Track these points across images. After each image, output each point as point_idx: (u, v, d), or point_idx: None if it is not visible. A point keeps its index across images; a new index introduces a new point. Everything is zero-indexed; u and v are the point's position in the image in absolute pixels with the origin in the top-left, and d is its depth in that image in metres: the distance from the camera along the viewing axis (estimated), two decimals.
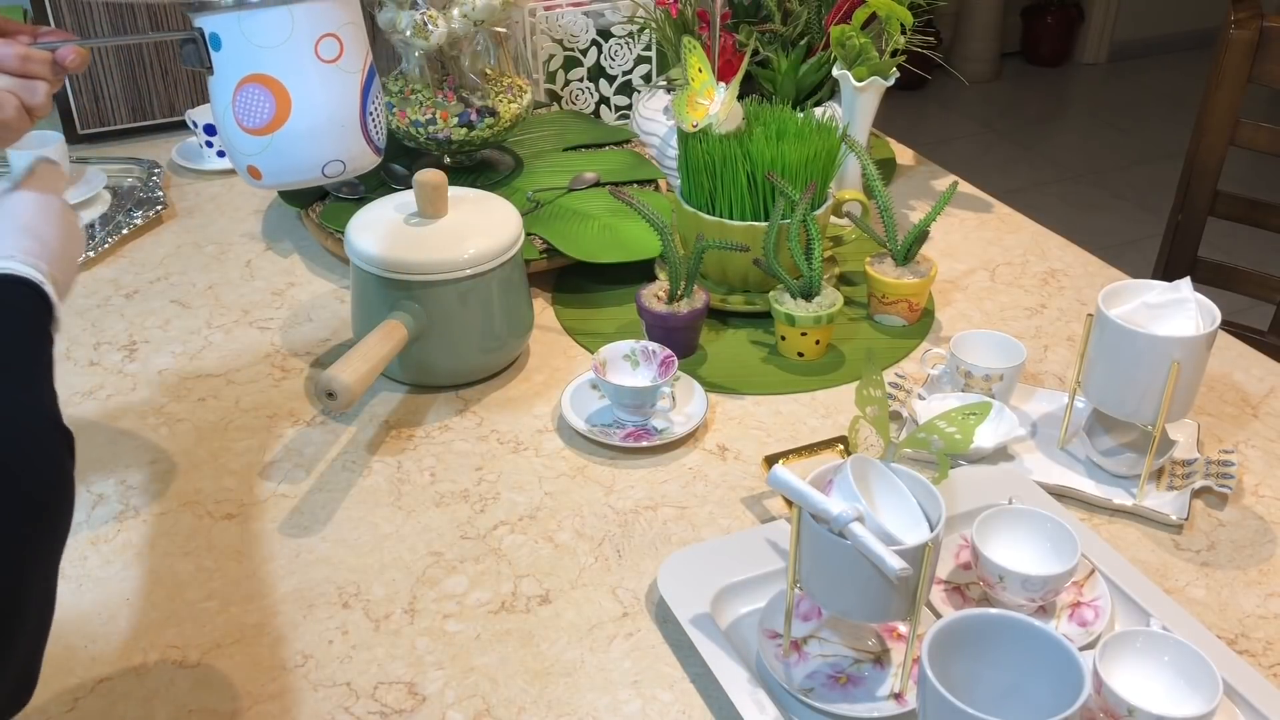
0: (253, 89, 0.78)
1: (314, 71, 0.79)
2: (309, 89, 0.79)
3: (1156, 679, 0.79)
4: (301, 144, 0.81)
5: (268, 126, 0.79)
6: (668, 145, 1.48)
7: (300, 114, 0.79)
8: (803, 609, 0.88)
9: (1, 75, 0.78)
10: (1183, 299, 0.97)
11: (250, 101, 0.79)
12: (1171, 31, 4.90)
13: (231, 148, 0.82)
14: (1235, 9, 1.60)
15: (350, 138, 0.83)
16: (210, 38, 0.78)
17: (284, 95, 0.78)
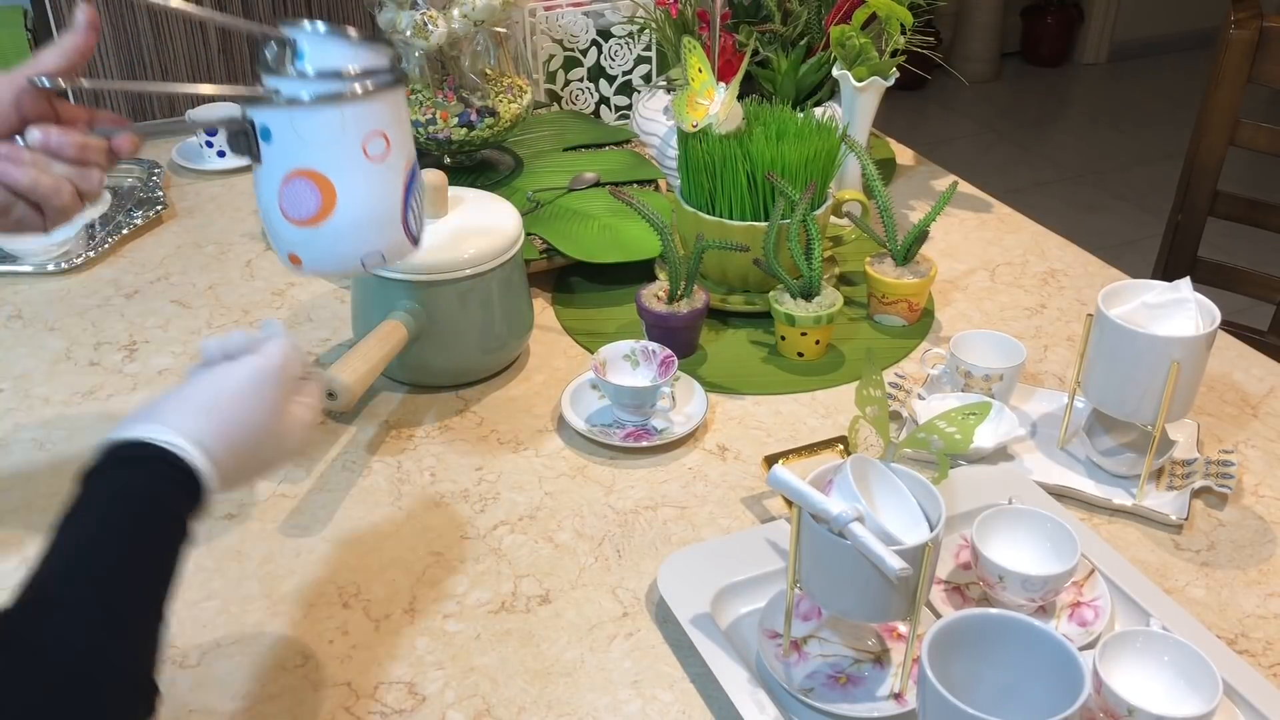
0: (300, 183, 0.79)
1: (360, 169, 0.79)
2: (354, 185, 0.80)
3: (1156, 679, 0.79)
4: (343, 237, 0.81)
5: (312, 219, 0.80)
6: (668, 145, 1.48)
7: (344, 209, 0.80)
8: (803, 609, 0.88)
9: (59, 163, 0.78)
10: (1183, 299, 0.97)
11: (297, 194, 0.79)
12: (1171, 31, 4.90)
13: (274, 234, 0.83)
14: (1235, 9, 1.60)
15: (391, 231, 0.83)
16: (261, 130, 0.78)
17: (330, 190, 0.79)
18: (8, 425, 1.11)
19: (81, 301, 1.32)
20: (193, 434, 0.69)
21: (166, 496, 0.68)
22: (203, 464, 0.69)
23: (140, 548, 0.65)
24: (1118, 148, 4.10)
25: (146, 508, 0.66)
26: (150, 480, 0.67)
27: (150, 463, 0.68)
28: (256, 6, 1.70)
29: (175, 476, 0.68)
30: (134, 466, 0.68)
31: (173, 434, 0.69)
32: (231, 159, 1.62)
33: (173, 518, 0.68)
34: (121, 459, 0.68)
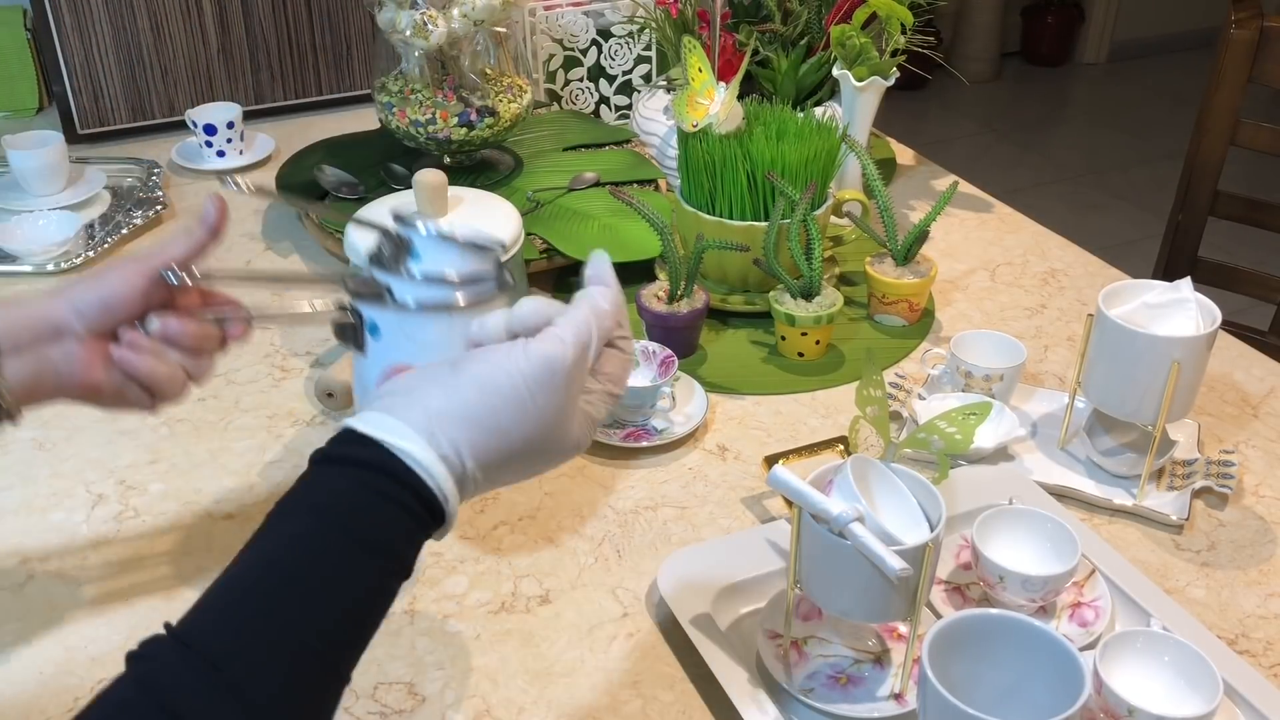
0: None
1: None
2: None
3: (1157, 679, 0.79)
4: None
5: None
6: (668, 145, 1.48)
7: None
8: (803, 609, 0.88)
9: (174, 350, 0.77)
10: (1183, 299, 0.97)
11: None
12: (1171, 31, 4.90)
13: None
14: (1235, 9, 1.60)
15: None
16: (369, 324, 0.80)
17: None
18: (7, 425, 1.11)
19: None
20: (451, 450, 0.59)
21: (393, 534, 0.58)
22: (452, 496, 0.59)
23: (336, 599, 0.56)
24: (1118, 148, 4.10)
25: (363, 545, 0.57)
26: (379, 509, 0.57)
27: (385, 481, 0.58)
28: (256, 10, 1.70)
29: (410, 506, 0.58)
30: (365, 480, 0.58)
31: (425, 449, 0.58)
32: (231, 159, 1.62)
33: (392, 556, 0.58)
34: (357, 462, 0.58)
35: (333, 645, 0.56)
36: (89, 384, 0.75)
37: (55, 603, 0.91)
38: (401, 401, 0.60)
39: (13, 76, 1.77)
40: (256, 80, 1.77)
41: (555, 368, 0.62)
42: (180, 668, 0.53)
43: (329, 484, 0.58)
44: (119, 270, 0.76)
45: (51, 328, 0.73)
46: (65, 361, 0.74)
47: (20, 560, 0.95)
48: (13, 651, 0.87)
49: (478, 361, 0.62)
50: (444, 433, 0.59)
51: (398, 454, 0.58)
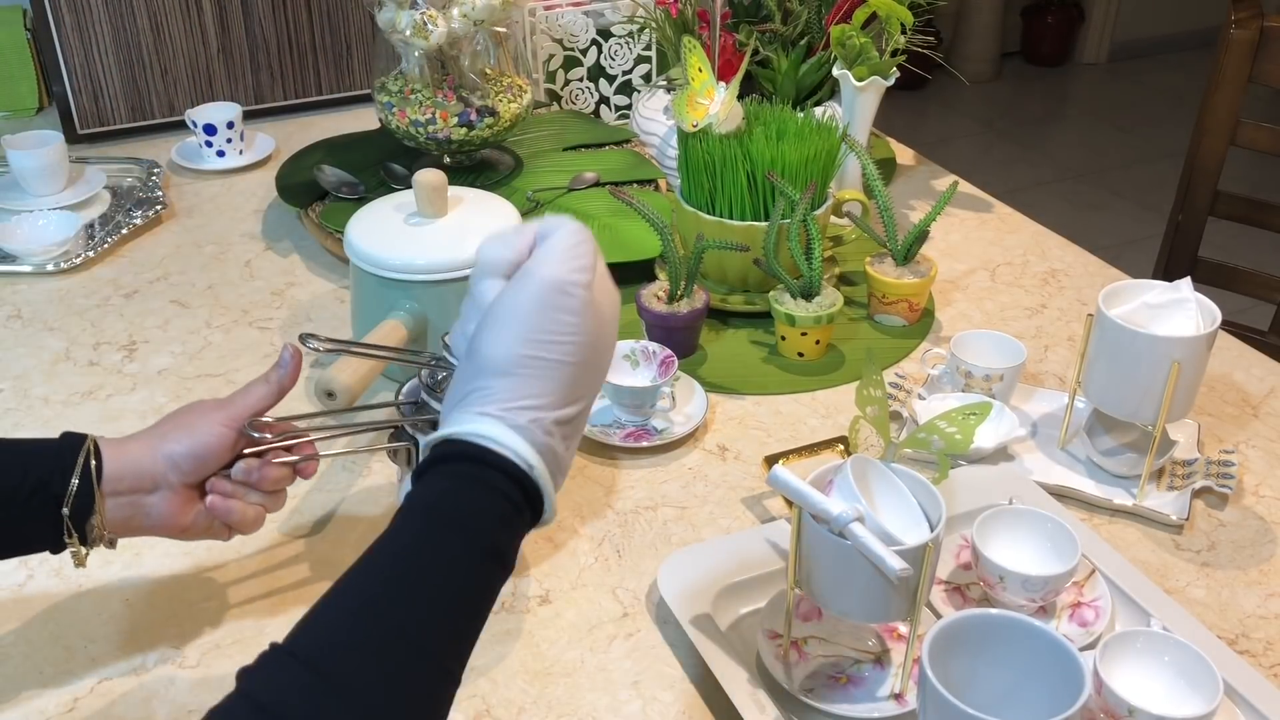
0: None
1: None
2: None
3: (1157, 679, 0.79)
4: None
5: None
6: (668, 145, 1.48)
7: None
8: (803, 609, 0.88)
9: (255, 492, 0.81)
10: (1183, 299, 0.97)
11: None
12: (1171, 31, 4.90)
13: None
14: (1235, 9, 1.60)
15: None
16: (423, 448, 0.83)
17: None
18: (8, 425, 1.11)
19: (81, 301, 1.32)
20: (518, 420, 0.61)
21: (473, 515, 0.60)
22: (539, 467, 0.62)
23: (435, 595, 0.58)
24: (1118, 148, 4.10)
25: (448, 540, 0.59)
26: (455, 496, 0.60)
27: (469, 465, 0.61)
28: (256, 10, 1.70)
29: (500, 486, 0.61)
30: (453, 471, 0.61)
31: (501, 429, 0.61)
32: (231, 159, 1.62)
33: (494, 557, 0.60)
34: (434, 463, 0.62)
35: (438, 643, 0.57)
36: (177, 527, 0.80)
37: (55, 603, 0.91)
38: (481, 393, 0.62)
39: (13, 76, 1.77)
40: (256, 80, 1.77)
41: (555, 283, 0.63)
42: (287, 678, 0.54)
43: (419, 488, 0.62)
44: (209, 422, 0.80)
45: (150, 480, 0.78)
46: (158, 508, 0.79)
47: (20, 560, 0.95)
48: (13, 651, 0.87)
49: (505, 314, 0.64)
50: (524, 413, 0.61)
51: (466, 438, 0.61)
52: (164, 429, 0.80)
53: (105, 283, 1.35)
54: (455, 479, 0.61)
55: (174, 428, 0.80)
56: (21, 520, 0.75)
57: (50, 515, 0.75)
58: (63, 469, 0.75)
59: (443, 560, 0.59)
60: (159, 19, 1.67)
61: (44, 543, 0.77)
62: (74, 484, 0.75)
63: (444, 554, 0.59)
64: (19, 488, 0.74)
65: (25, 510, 0.74)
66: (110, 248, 1.41)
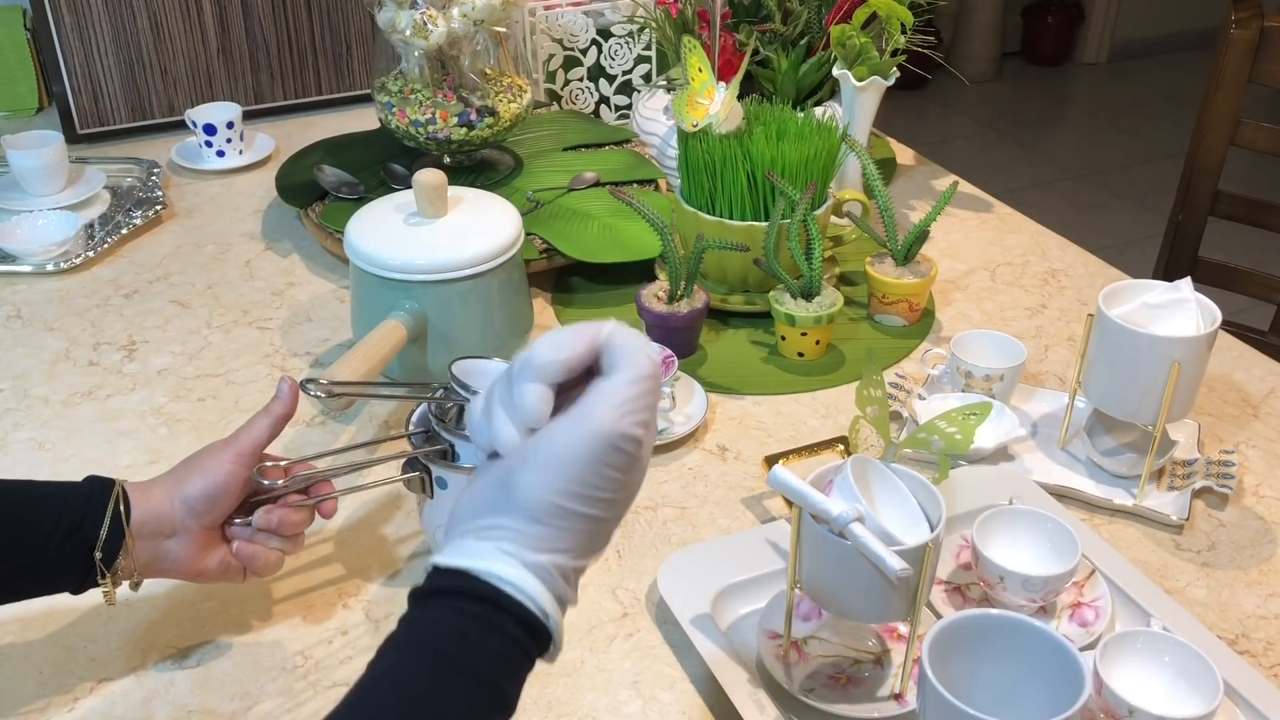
0: None
1: None
2: None
3: (1157, 679, 0.79)
4: None
5: None
6: (668, 145, 1.48)
7: None
8: (803, 609, 0.88)
9: (275, 537, 0.84)
10: (1183, 299, 0.97)
11: None
12: (1171, 31, 4.90)
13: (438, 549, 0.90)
14: (1235, 9, 1.60)
15: None
16: (437, 479, 0.87)
17: None
18: (7, 425, 1.11)
19: (81, 301, 1.32)
20: (543, 566, 0.58)
21: (478, 655, 0.56)
22: (555, 616, 0.58)
23: None
24: (1118, 147, 4.10)
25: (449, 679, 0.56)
26: (460, 635, 0.56)
27: (478, 605, 0.57)
28: (256, 10, 1.70)
29: (505, 628, 0.57)
30: (459, 608, 0.57)
31: (524, 574, 0.57)
32: (231, 159, 1.62)
33: (484, 684, 0.57)
34: (449, 592, 0.58)
35: None
36: (194, 570, 0.82)
37: (55, 603, 0.91)
38: (488, 525, 0.59)
39: (13, 76, 1.77)
40: (256, 80, 1.77)
41: (609, 438, 0.57)
42: None
43: (426, 618, 0.58)
44: (218, 461, 0.82)
45: (169, 525, 0.81)
46: (175, 552, 0.81)
47: None
48: (13, 651, 0.87)
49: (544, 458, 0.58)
50: (540, 545, 0.58)
51: (486, 578, 0.57)
52: (179, 474, 0.82)
53: (105, 283, 1.35)
54: (468, 619, 0.57)
55: (188, 471, 0.82)
56: (55, 561, 0.77)
57: (82, 558, 0.77)
58: (94, 512, 0.78)
59: (454, 710, 0.56)
60: (159, 19, 1.67)
61: (70, 584, 0.79)
62: (105, 527, 0.77)
63: (456, 703, 0.56)
64: (53, 531, 0.76)
65: (59, 553, 0.77)
66: (110, 248, 1.41)
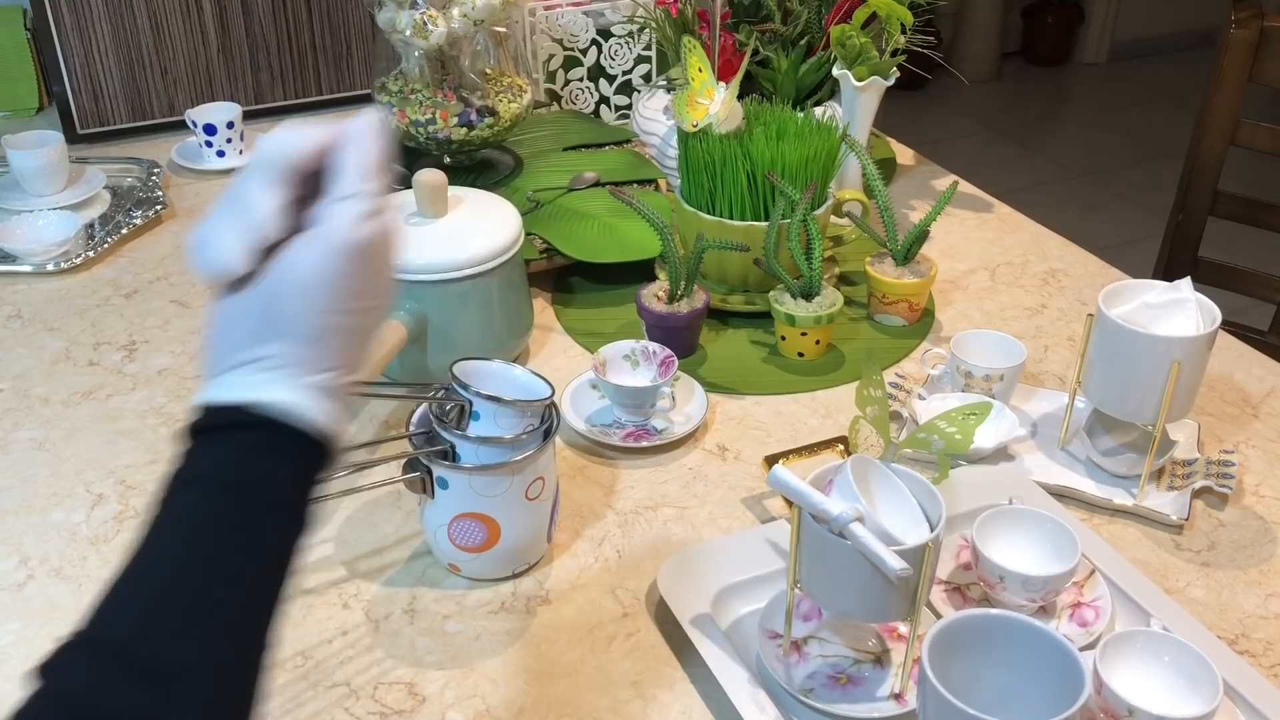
0: (470, 521, 0.89)
1: (522, 510, 0.90)
2: (516, 523, 0.90)
3: (1157, 679, 0.79)
4: (501, 559, 0.92)
5: (478, 549, 0.90)
6: (668, 145, 1.48)
7: (506, 539, 0.90)
8: (803, 609, 0.88)
9: None
10: (1183, 299, 0.97)
11: (466, 529, 0.89)
12: (1171, 31, 4.90)
13: (438, 549, 0.93)
14: (1235, 9, 1.60)
15: (539, 548, 0.95)
16: (438, 479, 0.88)
17: (495, 528, 0.89)
18: (7, 425, 1.11)
19: (81, 301, 1.32)
20: (319, 386, 0.58)
21: (268, 483, 0.56)
22: (337, 434, 0.58)
23: (233, 570, 0.54)
24: (1118, 147, 4.10)
25: (242, 509, 0.55)
26: (247, 466, 0.56)
27: (249, 438, 0.56)
28: (256, 10, 1.70)
29: (308, 461, 0.58)
30: (228, 444, 0.56)
31: (303, 398, 0.57)
32: (230, 159, 1.62)
33: (278, 508, 0.57)
34: (213, 431, 0.57)
35: (248, 615, 0.55)
36: None
37: (55, 603, 0.91)
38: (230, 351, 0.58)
39: (13, 76, 1.77)
40: (256, 80, 1.77)
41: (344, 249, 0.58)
42: (86, 665, 0.51)
43: (206, 453, 0.57)
44: None
45: None
46: None
47: (20, 560, 0.95)
48: (13, 651, 0.87)
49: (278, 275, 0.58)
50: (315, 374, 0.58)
51: (269, 410, 0.56)
52: None
53: (105, 283, 1.35)
54: (258, 452, 0.56)
55: None
56: None
57: None
58: None
59: (243, 533, 0.55)
60: (159, 19, 1.67)
61: None
62: None
63: (244, 527, 0.55)
64: None
65: None
66: (110, 248, 1.41)
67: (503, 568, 0.93)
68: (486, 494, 0.88)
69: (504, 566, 0.93)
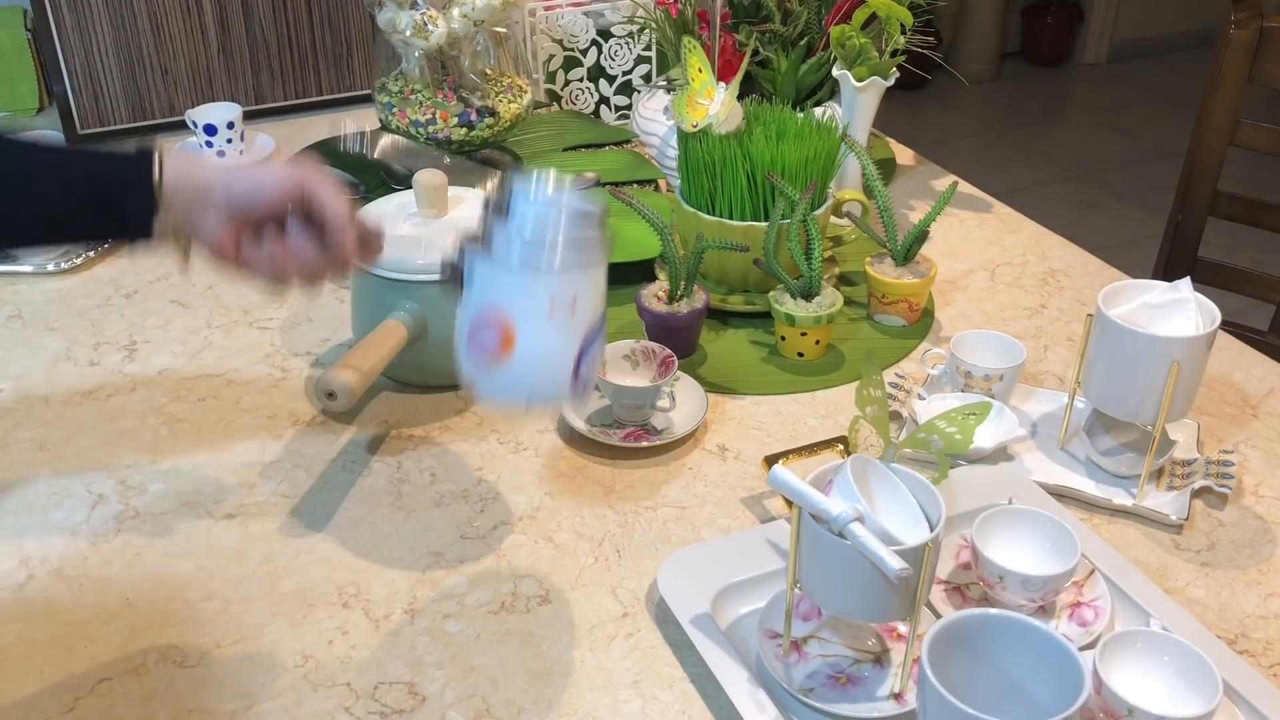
0: (489, 323, 0.83)
1: (544, 324, 0.83)
2: (533, 336, 0.83)
3: (1156, 679, 0.79)
4: (516, 379, 0.84)
5: (492, 360, 0.84)
6: (668, 145, 1.48)
7: (521, 355, 0.83)
8: (803, 609, 0.88)
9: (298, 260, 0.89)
10: (1183, 299, 0.97)
11: (484, 332, 0.84)
12: (1171, 31, 4.90)
13: (460, 357, 0.87)
14: (1235, 9, 1.60)
15: (559, 383, 0.85)
16: (466, 272, 0.84)
17: (510, 332, 0.83)
18: (7, 425, 1.11)
19: (81, 301, 1.32)
20: None
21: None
22: None
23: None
24: (1118, 148, 4.10)
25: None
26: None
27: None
28: (256, 10, 1.70)
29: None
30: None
31: None
32: (230, 159, 1.62)
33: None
34: None
35: None
36: (226, 254, 0.88)
37: (55, 603, 0.91)
38: None
39: (13, 76, 1.77)
40: (256, 80, 1.77)
41: None
42: None
43: None
44: (279, 172, 0.87)
45: (205, 199, 0.86)
46: (210, 224, 0.87)
47: (20, 560, 0.95)
48: (13, 651, 0.87)
49: None
50: None
51: None
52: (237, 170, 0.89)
53: (106, 283, 1.35)
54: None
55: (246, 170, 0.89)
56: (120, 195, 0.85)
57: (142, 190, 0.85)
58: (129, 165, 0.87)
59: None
60: (159, 19, 1.67)
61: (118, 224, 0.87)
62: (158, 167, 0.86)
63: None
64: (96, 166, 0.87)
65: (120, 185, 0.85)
66: (111, 248, 1.41)
67: (517, 390, 0.84)
68: (508, 294, 0.82)
69: (518, 389, 0.84)
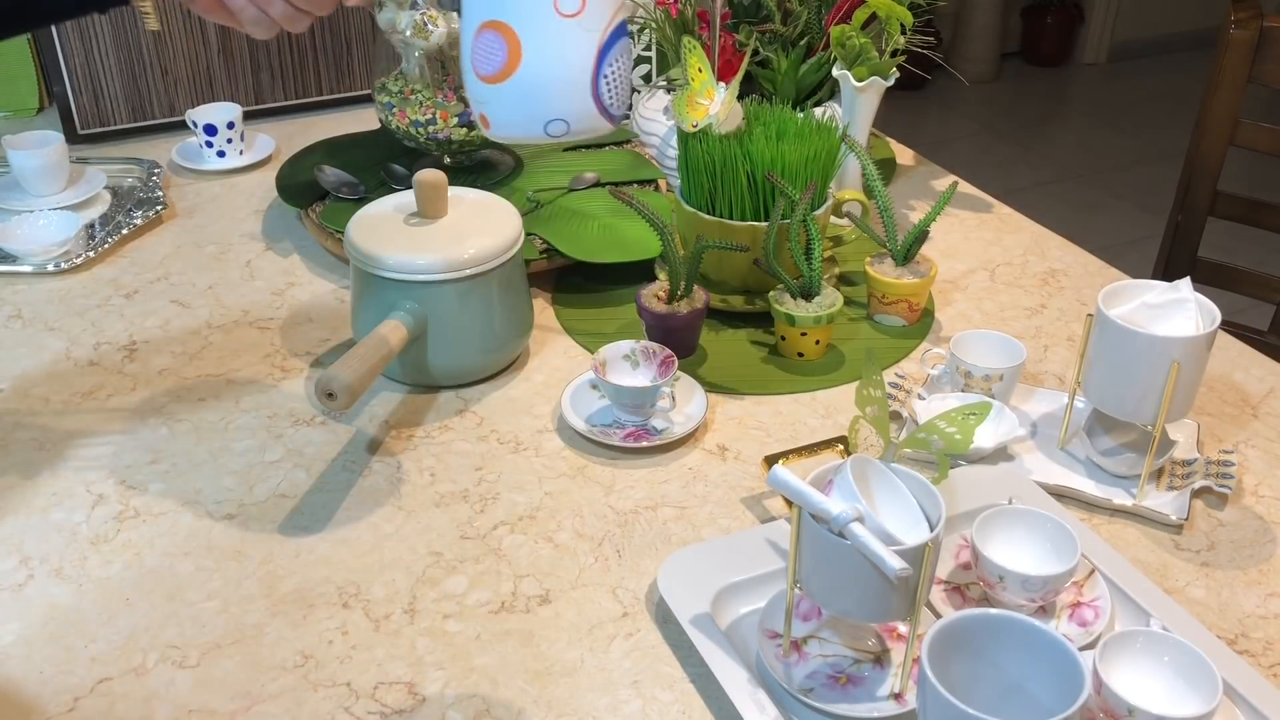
0: (489, 35, 0.76)
1: (549, 25, 0.76)
2: (540, 42, 0.76)
3: (1156, 679, 0.79)
4: (528, 97, 0.77)
5: (498, 75, 0.77)
6: (668, 145, 1.48)
7: (529, 66, 0.76)
8: (803, 609, 0.88)
9: None
10: (1183, 299, 0.97)
11: (486, 48, 0.77)
12: (1171, 31, 4.90)
13: (469, 93, 0.81)
14: (1235, 9, 1.60)
15: (578, 98, 0.78)
16: None
17: (516, 45, 0.76)
18: (7, 425, 1.11)
19: (81, 301, 1.32)
20: None
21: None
22: None
23: None
24: (1118, 148, 4.10)
25: None
26: None
27: None
28: None
29: None
30: None
31: None
32: (231, 159, 1.62)
33: None
34: None
35: None
36: None
37: (55, 603, 0.91)
38: None
39: (13, 76, 1.77)
40: (256, 80, 1.77)
41: None
42: None
43: None
44: None
45: None
46: None
47: (20, 560, 0.95)
48: (13, 651, 0.87)
49: None
50: None
51: None
52: None
53: (105, 283, 1.35)
54: None
55: None
56: None
57: None
58: None
59: None
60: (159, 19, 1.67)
61: None
62: None
63: None
64: None
65: None
66: (111, 248, 1.42)
67: (531, 111, 0.78)
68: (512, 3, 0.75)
69: (532, 110, 0.78)
